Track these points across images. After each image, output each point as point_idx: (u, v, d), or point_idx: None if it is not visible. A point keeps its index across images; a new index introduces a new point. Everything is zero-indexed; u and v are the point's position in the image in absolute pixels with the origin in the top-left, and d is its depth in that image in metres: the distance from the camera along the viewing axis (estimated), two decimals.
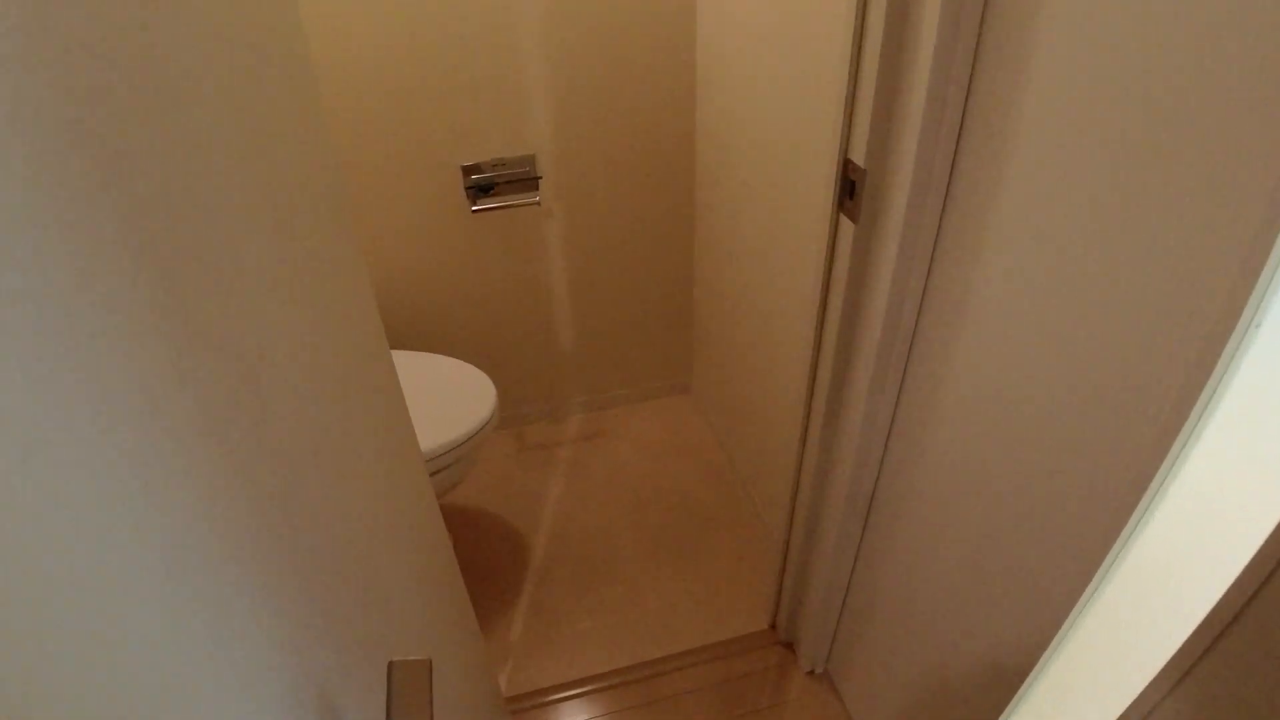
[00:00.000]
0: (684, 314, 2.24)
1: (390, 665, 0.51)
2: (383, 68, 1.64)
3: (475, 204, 1.79)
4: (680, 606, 1.83)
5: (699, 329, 2.22)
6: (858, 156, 1.00)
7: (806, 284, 1.37)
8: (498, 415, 1.70)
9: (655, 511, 2.06)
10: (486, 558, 1.98)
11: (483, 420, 1.63)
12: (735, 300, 1.85)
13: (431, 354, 1.79)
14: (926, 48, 0.84)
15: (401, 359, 1.78)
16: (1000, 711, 0.80)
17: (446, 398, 1.67)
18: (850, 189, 1.04)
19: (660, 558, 1.94)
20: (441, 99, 1.69)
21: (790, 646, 1.72)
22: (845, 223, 1.07)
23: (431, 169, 1.78)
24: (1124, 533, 0.59)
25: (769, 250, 1.56)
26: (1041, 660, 0.71)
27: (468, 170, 1.80)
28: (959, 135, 0.89)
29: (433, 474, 1.59)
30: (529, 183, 1.82)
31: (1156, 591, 0.57)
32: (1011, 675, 0.97)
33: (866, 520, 1.33)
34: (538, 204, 1.84)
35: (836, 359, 1.18)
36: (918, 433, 1.10)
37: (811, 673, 1.67)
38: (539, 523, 2.05)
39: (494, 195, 1.83)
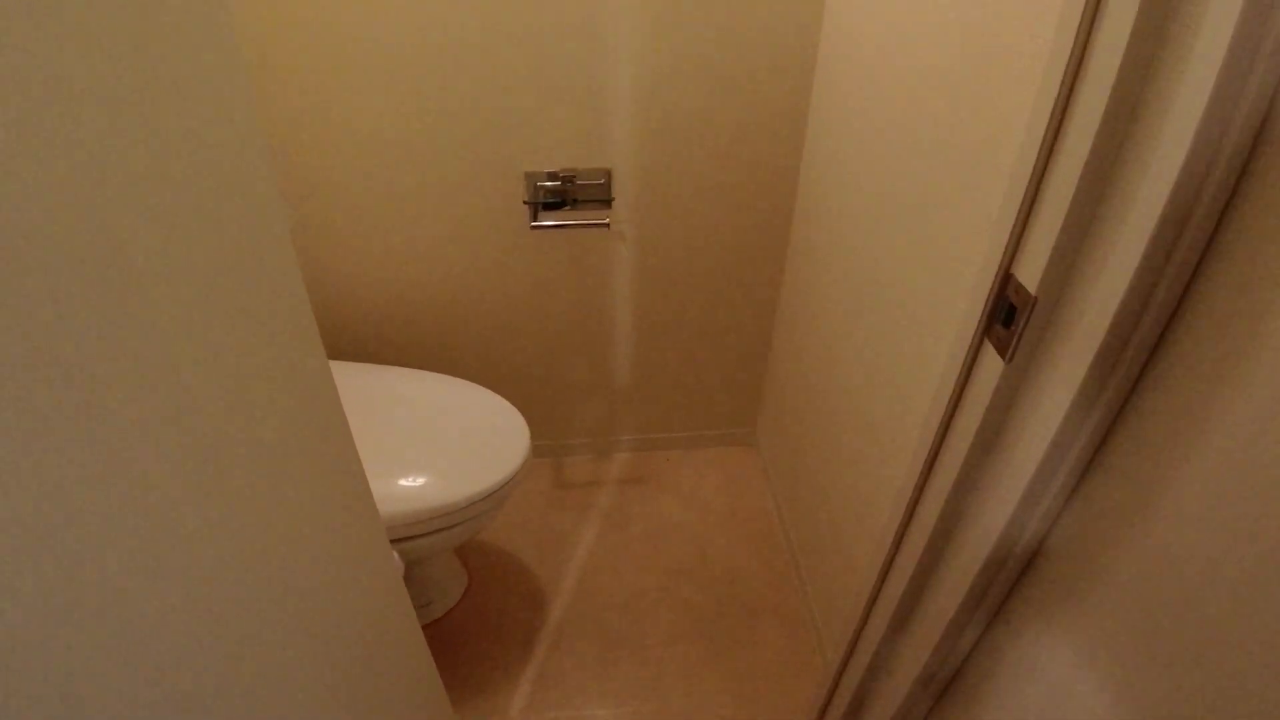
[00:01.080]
0: (758, 362, 1.98)
1: None
2: (452, 48, 1.41)
3: (536, 219, 1.55)
4: (709, 706, 1.58)
5: (772, 380, 1.95)
6: (1027, 276, 0.73)
7: (916, 395, 1.09)
8: (529, 465, 1.47)
9: (695, 583, 1.82)
10: (498, 607, 1.77)
11: (509, 473, 1.41)
12: (818, 369, 1.58)
13: (464, 382, 1.57)
14: (1180, 134, 0.55)
15: (429, 384, 1.57)
16: None
17: (473, 441, 1.45)
18: (1007, 314, 0.76)
19: (693, 641, 1.70)
20: (511, 93, 1.46)
21: None
22: (991, 355, 0.79)
23: (491, 172, 1.55)
24: None
25: (870, 336, 1.28)
26: None
27: (532, 177, 1.56)
28: (1202, 257, 0.60)
29: (448, 528, 1.38)
30: (600, 201, 1.58)
31: None
32: None
33: (938, 702, 1.06)
34: (607, 226, 1.59)
35: (935, 535, 0.91)
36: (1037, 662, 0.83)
37: None
38: (563, 576, 1.83)
39: (558, 211, 1.59)
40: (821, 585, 1.65)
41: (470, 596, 1.80)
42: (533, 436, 2.05)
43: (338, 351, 1.84)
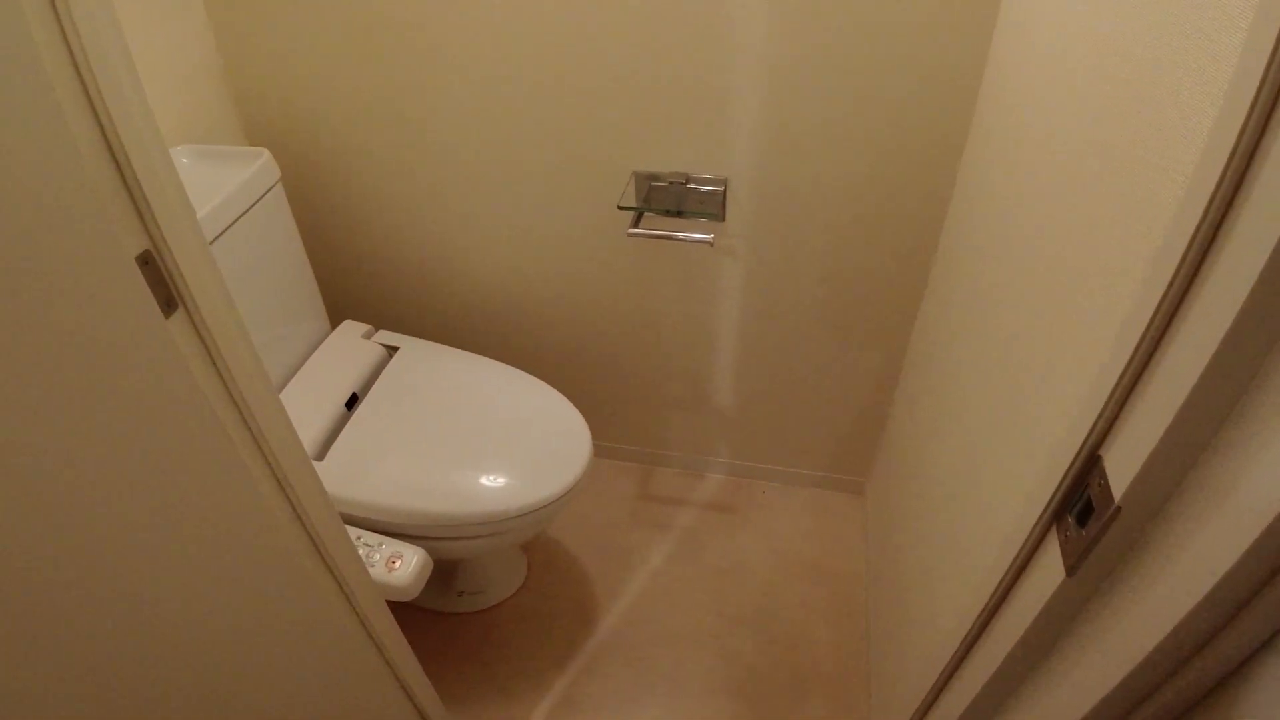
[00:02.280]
0: (877, 409, 1.76)
1: None
2: (569, 35, 1.30)
3: (634, 226, 1.43)
4: None
5: (891, 432, 1.74)
6: (1116, 467, 0.53)
7: (1000, 513, 0.89)
8: (585, 480, 1.38)
9: (754, 636, 1.67)
10: (549, 611, 1.71)
11: (562, 489, 1.32)
12: (932, 435, 1.35)
13: (533, 380, 1.50)
14: None
15: (501, 378, 1.51)
16: None
17: (533, 449, 1.38)
18: (1083, 511, 0.57)
19: (733, 699, 1.56)
20: (629, 83, 1.33)
21: None
22: (1052, 557, 0.60)
23: (598, 165, 1.44)
24: None
25: (979, 426, 1.06)
26: None
27: (641, 177, 1.43)
28: None
29: (487, 535, 1.33)
30: (710, 214, 1.42)
31: None
32: None
33: None
34: (710, 245, 1.44)
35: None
36: None
37: None
38: (620, 594, 1.74)
39: (665, 219, 1.45)
40: (889, 675, 1.45)
41: (524, 592, 1.75)
42: (622, 441, 1.97)
43: (424, 330, 1.82)
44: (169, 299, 0.61)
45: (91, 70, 0.52)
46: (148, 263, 0.59)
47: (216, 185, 1.29)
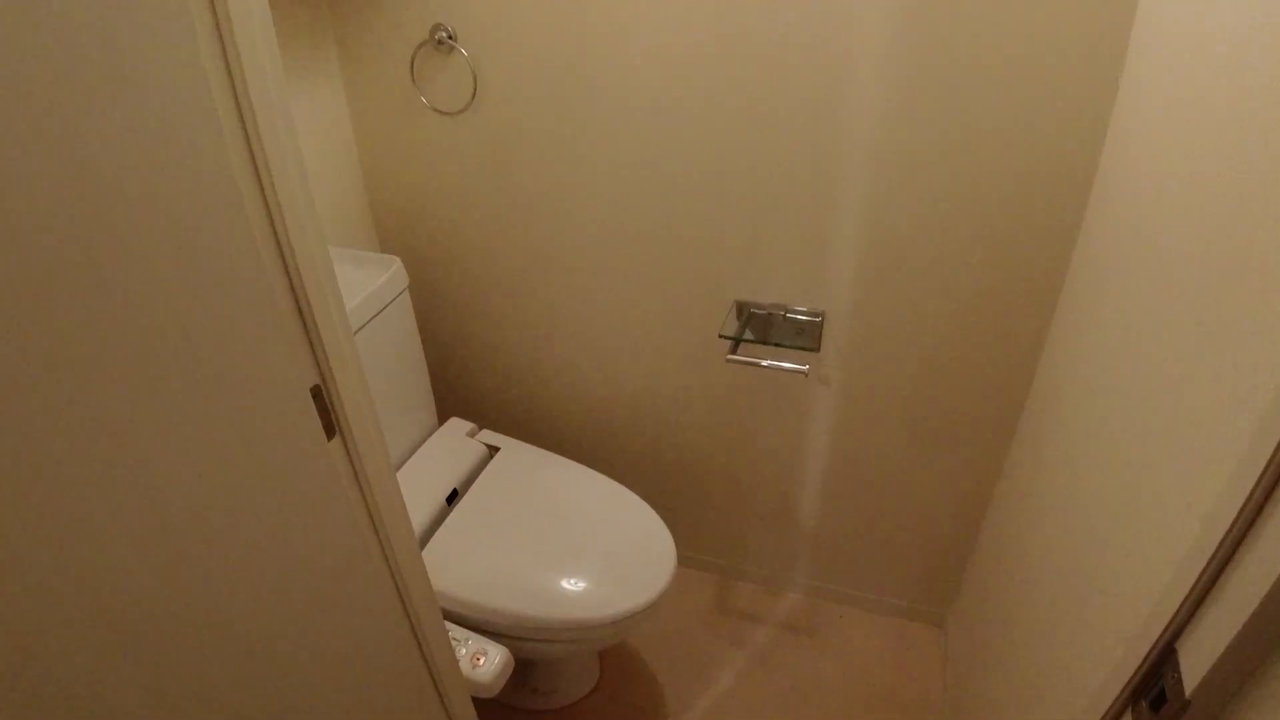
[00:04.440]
0: (965, 540, 1.75)
1: None
2: (681, 176, 1.42)
3: (733, 354, 1.50)
4: None
5: (976, 566, 1.72)
6: (1189, 661, 0.55)
7: (1082, 674, 0.89)
8: (668, 594, 1.42)
9: None
10: (614, 713, 1.73)
11: (645, 603, 1.36)
12: (1019, 573, 1.34)
13: (625, 491, 1.56)
14: None
15: (592, 485, 1.57)
16: None
17: (617, 561, 1.43)
18: (1157, 698, 0.59)
19: None
20: (734, 217, 1.43)
21: None
22: None
23: (701, 292, 1.54)
24: None
25: (1065, 575, 1.07)
26: None
27: (742, 306, 1.52)
28: None
29: (565, 641, 1.37)
30: (805, 346, 1.49)
31: None
32: None
33: None
34: (804, 375, 1.50)
35: None
36: None
37: None
38: (689, 708, 1.74)
39: (762, 347, 1.52)
40: None
41: (596, 695, 1.77)
42: (703, 551, 2.00)
43: (525, 431, 1.92)
44: (330, 425, 0.71)
45: (289, 238, 0.63)
46: (317, 395, 0.69)
47: (350, 290, 1.43)
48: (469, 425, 1.72)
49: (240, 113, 0.58)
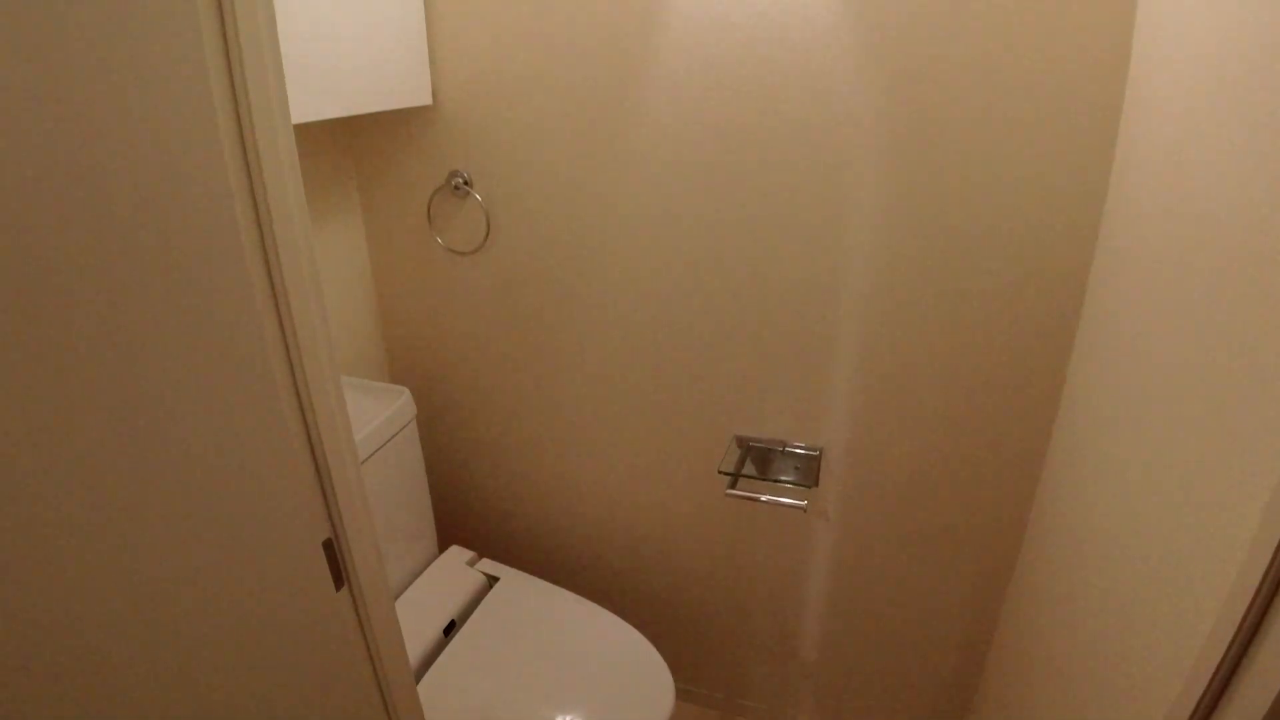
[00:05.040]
0: (972, 667, 1.72)
1: None
2: (679, 318, 1.48)
3: (732, 488, 1.52)
4: None
5: (985, 693, 1.68)
6: None
7: None
8: None
9: None
10: None
11: None
12: (1031, 710, 1.32)
13: (618, 622, 1.54)
14: None
15: (584, 615, 1.56)
16: None
17: (612, 697, 1.41)
18: None
19: None
20: (734, 356, 1.48)
21: None
22: None
23: (699, 427, 1.57)
24: None
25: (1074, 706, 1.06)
26: None
27: (741, 441, 1.55)
28: None
29: None
30: (802, 484, 1.51)
31: None
32: None
33: None
34: (803, 510, 1.51)
35: None
36: None
37: None
38: None
39: (760, 482, 1.55)
40: None
41: None
42: (703, 685, 1.96)
43: (525, 559, 1.92)
44: (339, 576, 0.73)
45: (312, 402, 0.67)
46: (329, 547, 0.72)
47: (359, 419, 1.47)
48: (469, 554, 1.73)
49: (270, 276, 0.64)
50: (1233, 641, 0.55)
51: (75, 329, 0.48)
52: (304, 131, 1.45)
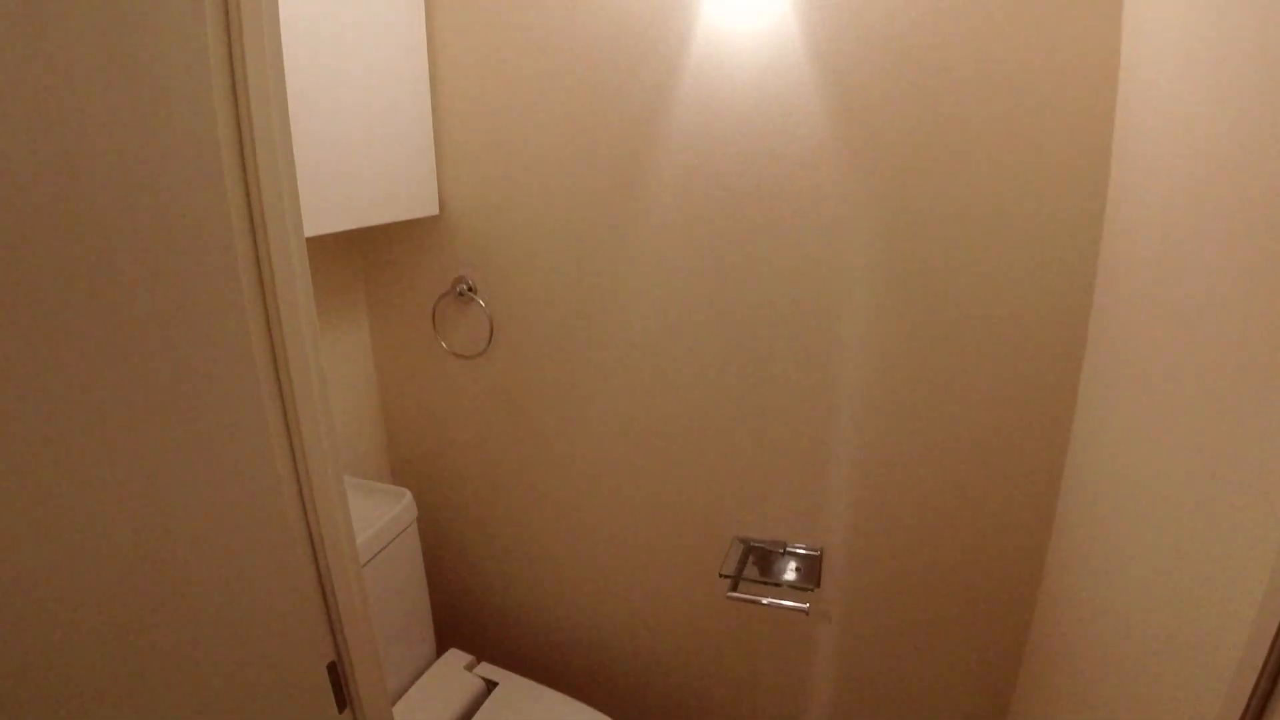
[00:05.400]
0: None
1: None
2: (677, 415, 1.50)
3: (733, 591, 1.52)
4: None
5: None
6: None
7: None
8: None
9: None
10: None
11: None
12: None
13: None
14: None
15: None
16: None
17: None
18: None
19: None
20: (734, 457, 1.50)
21: None
22: None
23: (700, 532, 1.58)
24: None
25: None
26: None
27: (742, 543, 1.55)
28: None
29: None
30: (803, 586, 1.51)
31: None
32: None
33: None
34: (805, 613, 1.51)
35: None
36: None
37: None
38: None
39: (761, 586, 1.54)
40: None
41: None
42: None
43: (524, 661, 1.90)
44: (343, 699, 0.74)
45: (318, 517, 0.69)
46: (333, 669, 0.72)
47: (361, 522, 1.47)
48: (467, 658, 1.70)
49: (281, 393, 0.66)
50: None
51: (84, 455, 0.50)
52: (315, 240, 1.50)
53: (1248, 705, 0.56)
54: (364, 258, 1.66)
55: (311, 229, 1.22)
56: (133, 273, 0.53)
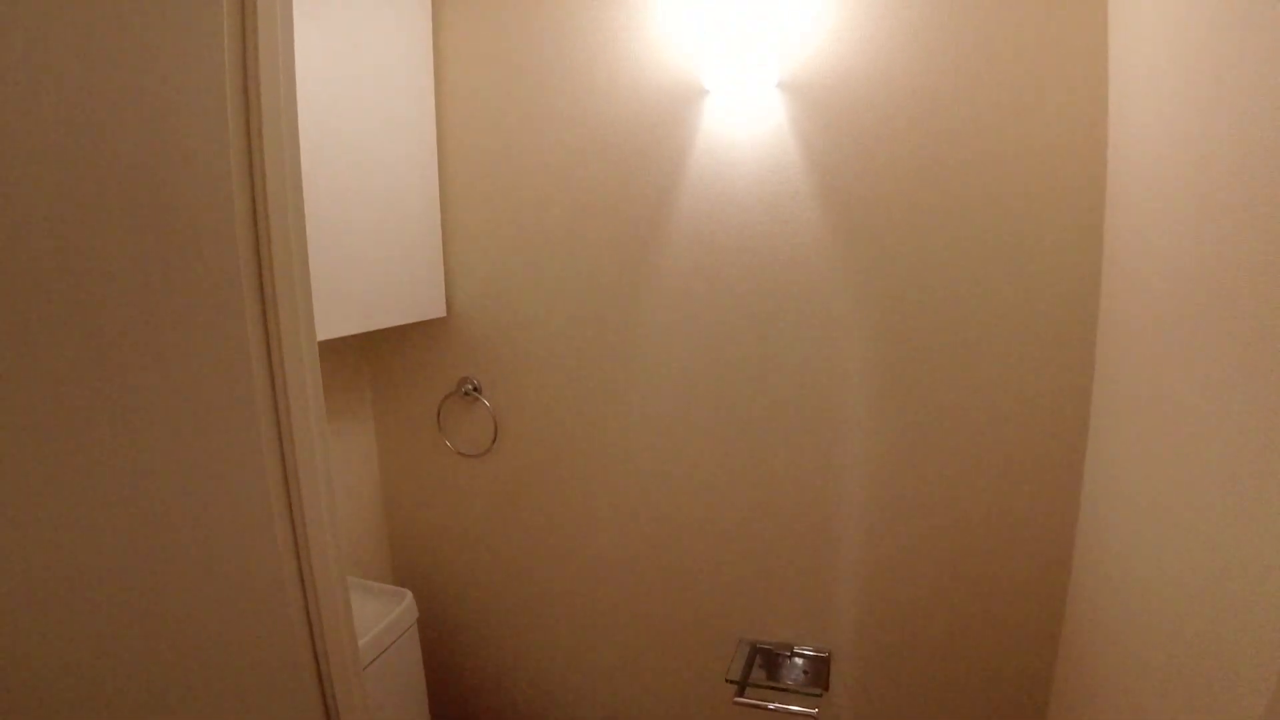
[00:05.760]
0: None
1: None
2: (683, 515, 1.50)
3: (739, 696, 1.48)
4: None
5: None
6: None
7: None
8: None
9: None
10: None
11: None
12: None
13: None
14: None
15: None
16: None
17: None
18: None
19: None
20: (739, 560, 1.49)
21: None
22: None
23: (705, 632, 1.55)
24: None
25: None
26: None
27: (746, 645, 1.52)
28: None
29: None
30: (811, 692, 1.47)
31: None
32: None
33: None
34: (814, 716, 1.47)
35: None
36: None
37: None
38: None
39: (768, 691, 1.51)
40: None
41: None
42: None
43: None
44: None
45: (323, 626, 0.69)
46: None
47: (362, 624, 1.45)
48: None
49: (288, 491, 0.67)
50: None
51: (87, 566, 0.52)
52: (324, 342, 1.54)
53: None
54: (370, 357, 1.69)
55: (324, 333, 1.26)
56: (153, 385, 0.56)
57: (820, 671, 1.48)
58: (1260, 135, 0.67)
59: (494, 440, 1.61)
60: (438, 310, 1.56)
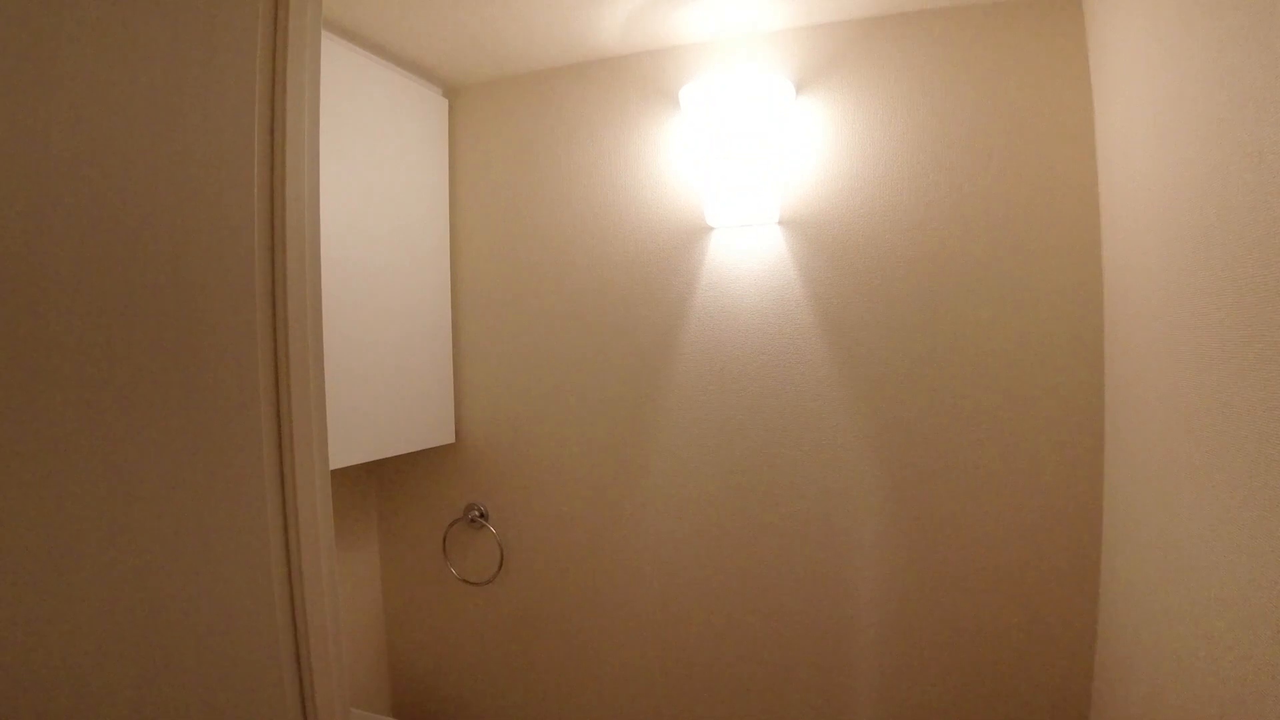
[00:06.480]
0: None
1: None
2: (694, 651, 1.47)
3: None
4: None
5: None
6: None
7: None
8: None
9: None
10: None
11: None
12: None
13: None
14: None
15: None
16: None
17: None
18: None
19: None
20: (747, 693, 1.45)
21: None
22: None
23: None
24: None
25: None
26: None
27: None
28: None
29: None
30: None
31: None
32: None
33: None
34: None
35: None
36: None
37: None
38: None
39: None
40: None
41: None
42: None
43: None
44: None
45: None
46: None
47: None
48: None
49: (294, 624, 0.68)
50: None
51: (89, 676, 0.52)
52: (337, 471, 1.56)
53: None
54: (378, 482, 1.71)
55: (335, 462, 1.28)
56: (170, 518, 0.58)
57: None
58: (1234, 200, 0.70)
59: (499, 568, 1.60)
60: (447, 436, 1.58)
